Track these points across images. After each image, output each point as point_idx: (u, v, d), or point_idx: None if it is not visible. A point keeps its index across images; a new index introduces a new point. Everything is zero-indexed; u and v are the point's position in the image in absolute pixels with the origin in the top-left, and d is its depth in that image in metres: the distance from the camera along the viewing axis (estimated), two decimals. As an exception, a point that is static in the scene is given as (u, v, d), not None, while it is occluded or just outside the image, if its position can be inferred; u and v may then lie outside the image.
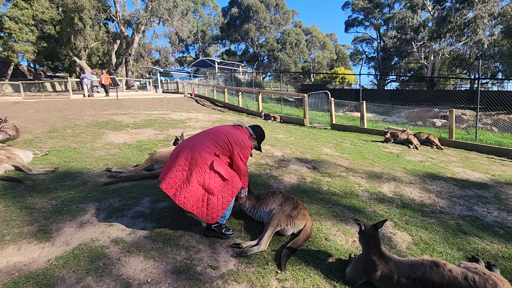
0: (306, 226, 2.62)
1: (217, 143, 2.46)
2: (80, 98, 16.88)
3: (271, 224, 2.52)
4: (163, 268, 2.11)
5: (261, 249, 2.37)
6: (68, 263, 2.11)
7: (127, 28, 24.58)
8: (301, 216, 2.65)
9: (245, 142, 2.56)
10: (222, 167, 2.41)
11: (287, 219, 2.59)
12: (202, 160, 2.35)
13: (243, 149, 2.53)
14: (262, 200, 2.80)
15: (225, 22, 44.31)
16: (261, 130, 2.90)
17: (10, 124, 5.70)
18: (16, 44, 19.52)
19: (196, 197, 2.32)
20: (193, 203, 2.31)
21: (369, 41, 46.85)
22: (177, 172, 2.35)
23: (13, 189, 3.31)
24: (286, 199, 2.77)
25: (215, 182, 2.35)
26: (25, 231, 2.50)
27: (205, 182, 2.33)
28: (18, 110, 10.64)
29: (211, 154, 2.40)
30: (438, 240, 2.79)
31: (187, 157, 2.38)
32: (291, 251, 2.37)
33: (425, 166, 5.16)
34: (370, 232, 2.13)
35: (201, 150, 2.39)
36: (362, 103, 8.93)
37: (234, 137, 2.53)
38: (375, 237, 2.11)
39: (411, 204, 3.55)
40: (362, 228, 2.16)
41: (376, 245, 2.08)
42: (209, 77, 28.92)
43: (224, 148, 2.47)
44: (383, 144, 7.12)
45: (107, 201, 3.09)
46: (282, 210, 2.63)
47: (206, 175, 2.33)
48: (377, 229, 2.14)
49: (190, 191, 2.29)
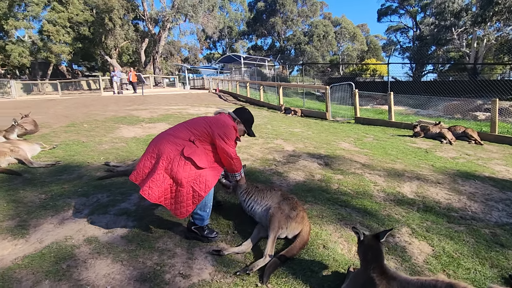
0: (303, 232, 2.26)
1: (192, 128, 2.21)
2: (110, 95, 17.60)
3: (272, 228, 2.16)
4: (128, 274, 1.88)
5: (266, 261, 2.00)
6: (32, 264, 1.96)
7: (154, 26, 25.20)
8: (299, 219, 2.29)
9: (226, 122, 2.30)
10: (195, 154, 2.10)
11: (286, 220, 2.25)
12: (171, 145, 2.09)
13: (225, 128, 2.25)
14: (260, 191, 2.50)
15: (251, 16, 43.97)
16: (246, 112, 2.58)
17: (29, 119, 5.90)
18: (54, 46, 20.79)
19: (163, 187, 2.04)
20: (159, 194, 2.03)
21: (404, 30, 43.86)
22: (145, 161, 2.12)
23: (10, 182, 3.31)
24: (285, 198, 2.42)
25: (184, 171, 2.04)
26: (4, 225, 2.42)
27: (173, 170, 2.04)
28: (49, 106, 11.22)
29: (184, 140, 2.13)
30: (466, 253, 2.28)
31: (157, 144, 2.14)
32: (281, 261, 2.02)
33: (458, 164, 4.49)
34: (369, 243, 1.73)
35: (170, 135, 2.15)
36: (389, 95, 8.18)
37: (212, 120, 2.29)
38: (376, 250, 1.71)
39: (436, 207, 3.02)
40: (360, 238, 1.77)
41: (377, 260, 1.68)
42: (235, 72, 28.87)
43: (202, 132, 2.19)
44: (412, 138, 6.42)
45: (95, 196, 2.95)
46: (281, 210, 2.28)
47: (175, 162, 2.04)
48: (378, 240, 1.73)
49: (155, 180, 2.02)
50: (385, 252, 2.26)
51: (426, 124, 7.03)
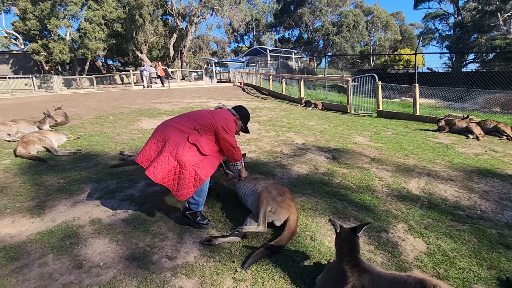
0: (290, 220, 2.29)
1: (198, 118, 2.38)
2: (139, 88, 18.47)
3: (261, 204, 2.25)
4: (121, 253, 2.05)
5: (259, 229, 2.14)
6: (42, 239, 2.21)
7: (182, 21, 25.82)
8: (285, 205, 2.32)
9: (228, 116, 2.49)
10: (200, 141, 2.27)
11: (273, 201, 2.30)
12: (178, 132, 2.25)
13: (227, 121, 2.43)
14: (255, 179, 2.61)
15: (279, 8, 43.35)
16: (244, 109, 2.75)
17: (61, 112, 6.43)
18: (90, 42, 22.15)
19: (168, 169, 2.17)
20: (163, 175, 2.17)
21: (444, 17, 40.69)
22: (151, 145, 2.28)
23: (36, 167, 3.68)
24: (275, 185, 2.51)
25: (189, 155, 2.20)
26: (25, 205, 2.72)
27: (178, 153, 2.17)
28: (83, 100, 12.07)
29: (190, 128, 2.30)
30: (464, 252, 2.18)
31: (163, 130, 2.30)
32: (269, 252, 2.06)
33: (480, 160, 4.20)
34: (345, 236, 1.73)
35: (177, 123, 2.33)
36: (414, 87, 7.75)
37: (216, 113, 2.47)
38: (351, 243, 1.71)
39: (441, 204, 2.89)
40: (337, 231, 1.77)
41: (351, 253, 1.68)
42: (260, 65, 28.79)
43: (206, 123, 2.35)
44: (434, 133, 6.07)
45: (106, 182, 3.20)
46: (268, 191, 2.37)
47: (180, 147, 2.19)
48: (355, 234, 1.73)
49: (160, 162, 2.16)
50: (374, 247, 2.24)
51: (452, 118, 6.60)
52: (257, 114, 8.13)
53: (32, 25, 23.05)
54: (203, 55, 41.79)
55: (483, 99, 14.56)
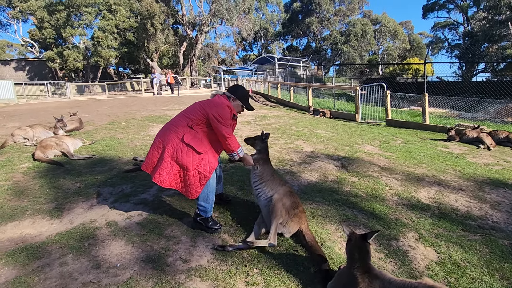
0: (304, 230, 2.31)
1: (189, 113, 2.37)
2: (150, 95, 18.82)
3: (273, 216, 2.26)
4: (137, 255, 2.12)
5: (266, 244, 2.19)
6: (61, 240, 2.30)
7: (192, 30, 26.38)
8: (296, 219, 2.33)
9: (219, 102, 2.38)
10: (194, 139, 2.29)
11: (285, 214, 2.30)
12: (173, 134, 2.30)
13: (218, 107, 2.33)
14: (272, 180, 2.50)
15: (287, 17, 43.88)
16: (240, 88, 2.61)
17: (76, 117, 6.63)
18: (102, 51, 22.79)
19: (173, 173, 2.28)
20: (170, 179, 2.27)
21: (453, 26, 40.55)
22: (153, 151, 2.36)
23: (54, 171, 3.81)
24: (291, 194, 2.44)
25: (188, 157, 2.25)
26: (44, 207, 2.83)
27: (178, 157, 2.26)
28: (96, 106, 12.37)
29: (183, 127, 2.32)
30: (476, 262, 2.18)
31: (161, 135, 2.37)
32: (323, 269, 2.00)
33: (491, 171, 4.17)
34: (356, 242, 1.76)
35: (172, 125, 2.37)
36: (423, 96, 7.74)
37: (206, 102, 2.41)
38: (362, 250, 1.74)
39: (452, 214, 2.88)
40: (349, 237, 1.80)
41: (362, 259, 1.71)
42: (269, 73, 29.04)
43: (198, 116, 2.33)
44: (444, 143, 6.04)
45: (121, 187, 3.30)
46: (282, 202, 2.33)
47: (179, 150, 2.26)
48: (366, 240, 1.76)
49: (164, 168, 2.26)
50: (385, 255, 2.26)
51: (463, 128, 6.55)
52: (266, 121, 8.21)
53: (48, 33, 23.88)
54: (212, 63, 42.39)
55: (494, 109, 14.34)
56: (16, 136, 5.17)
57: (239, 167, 4.03)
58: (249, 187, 3.34)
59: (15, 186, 3.37)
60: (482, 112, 14.55)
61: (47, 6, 23.41)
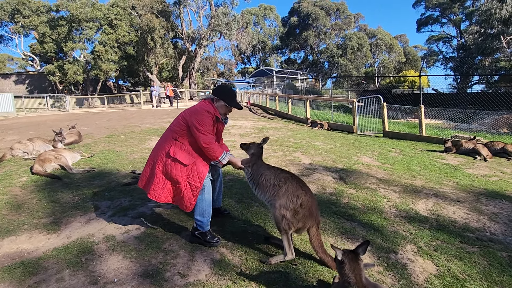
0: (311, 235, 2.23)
1: (174, 126, 2.37)
2: (149, 108, 18.95)
3: (281, 231, 2.19)
4: (134, 270, 2.10)
5: (287, 258, 2.20)
6: (58, 255, 2.28)
7: (191, 44, 26.84)
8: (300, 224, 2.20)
9: (198, 108, 2.32)
10: (180, 152, 2.29)
11: (291, 226, 2.19)
12: (161, 150, 2.35)
13: (197, 115, 2.26)
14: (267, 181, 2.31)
15: (284, 31, 44.81)
16: (222, 87, 2.56)
17: (75, 130, 6.65)
18: (103, 64, 23.08)
19: (166, 188, 2.31)
20: (165, 194, 2.31)
21: (447, 40, 41.48)
22: (146, 168, 2.42)
23: (52, 184, 3.80)
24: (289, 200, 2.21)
25: (176, 170, 2.28)
26: (42, 222, 2.82)
27: (168, 172, 2.30)
28: (95, 119, 12.42)
29: (169, 141, 2.34)
30: (474, 275, 2.18)
31: (153, 151, 2.44)
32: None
33: (488, 182, 4.20)
34: (348, 259, 1.73)
35: (161, 140, 2.42)
36: (419, 108, 7.84)
37: (187, 110, 2.37)
38: (355, 267, 1.71)
39: (450, 226, 2.89)
40: (339, 258, 1.74)
41: (357, 280, 1.69)
42: (267, 86, 29.40)
43: (181, 126, 2.31)
44: (441, 154, 6.09)
45: (119, 200, 3.29)
46: (281, 214, 2.17)
47: (167, 165, 2.29)
48: (358, 256, 1.72)
49: (157, 184, 2.30)
50: (384, 268, 2.25)
51: (459, 139, 6.62)
52: (264, 133, 8.26)
53: (49, 47, 24.23)
54: (211, 75, 42.86)
55: (490, 120, 14.52)
56: (16, 150, 5.18)
57: (237, 180, 4.04)
58: (248, 200, 3.36)
59: (13, 200, 3.36)
60: (478, 123, 14.72)
61: (49, 21, 23.86)
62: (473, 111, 14.20)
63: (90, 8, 23.52)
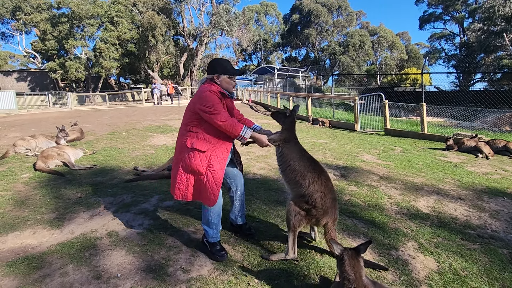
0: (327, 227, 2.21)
1: (185, 119, 2.27)
2: (150, 105, 18.97)
3: (288, 228, 2.18)
4: (137, 265, 2.12)
5: (288, 258, 2.17)
6: (62, 250, 2.31)
7: (193, 41, 26.81)
8: (315, 220, 2.18)
9: (200, 92, 2.20)
10: (197, 141, 2.15)
11: (302, 222, 2.16)
12: (179, 146, 2.23)
13: (201, 99, 2.15)
14: (297, 165, 2.21)
15: (286, 29, 44.63)
16: (214, 61, 2.32)
17: (77, 128, 6.68)
18: (104, 61, 23.06)
19: (190, 183, 2.16)
20: (191, 191, 2.16)
21: (450, 37, 41.24)
22: (172, 173, 2.28)
23: (55, 181, 3.83)
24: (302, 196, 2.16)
25: (195, 160, 2.12)
26: (45, 217, 2.84)
27: (188, 165, 2.14)
28: (97, 116, 12.45)
29: (184, 135, 2.22)
30: (475, 271, 2.19)
31: (175, 154, 2.31)
32: None
33: (490, 180, 4.20)
34: (347, 256, 1.73)
35: (178, 136, 2.30)
36: (421, 106, 7.83)
37: (191, 100, 2.28)
38: (355, 264, 1.72)
39: (451, 223, 2.90)
40: (338, 254, 1.74)
41: (357, 278, 1.70)
42: (268, 83, 29.35)
43: (191, 117, 2.21)
44: (443, 152, 6.08)
45: (121, 196, 3.31)
46: (295, 211, 2.14)
47: (187, 158, 2.15)
48: (358, 254, 1.73)
49: (181, 181, 2.16)
50: (385, 264, 2.26)
51: (461, 137, 6.60)
52: (266, 131, 8.25)
53: (50, 45, 24.20)
54: (212, 73, 42.59)
55: (492, 118, 14.46)
56: (19, 147, 5.21)
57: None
58: (249, 196, 3.36)
59: (16, 196, 3.39)
60: (480, 121, 14.66)
61: (50, 19, 23.82)
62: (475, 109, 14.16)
63: (91, 5, 23.47)
